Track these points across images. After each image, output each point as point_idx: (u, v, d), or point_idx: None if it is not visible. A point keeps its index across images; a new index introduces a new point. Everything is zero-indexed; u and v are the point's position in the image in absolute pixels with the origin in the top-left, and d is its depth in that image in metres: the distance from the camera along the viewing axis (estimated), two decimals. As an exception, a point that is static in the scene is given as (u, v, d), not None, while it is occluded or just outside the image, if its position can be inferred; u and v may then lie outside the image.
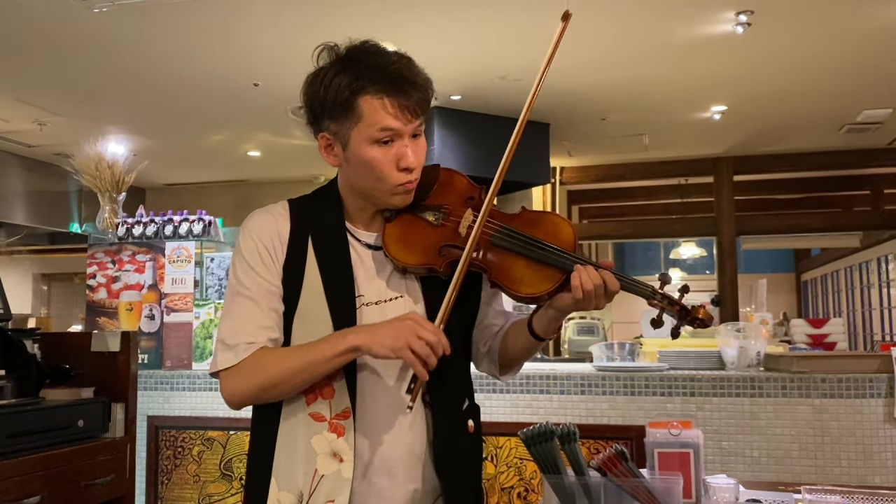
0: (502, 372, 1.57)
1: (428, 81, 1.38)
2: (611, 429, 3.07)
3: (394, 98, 1.32)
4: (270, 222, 1.45)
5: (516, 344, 1.51)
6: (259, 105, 5.50)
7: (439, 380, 1.37)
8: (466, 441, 1.47)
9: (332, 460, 1.34)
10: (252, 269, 1.40)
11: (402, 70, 1.34)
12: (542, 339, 1.46)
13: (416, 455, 1.40)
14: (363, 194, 1.42)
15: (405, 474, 1.39)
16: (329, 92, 1.34)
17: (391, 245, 1.40)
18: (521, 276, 1.37)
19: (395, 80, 1.33)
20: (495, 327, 1.55)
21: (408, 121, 1.34)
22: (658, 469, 1.70)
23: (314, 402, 1.36)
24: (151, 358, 3.75)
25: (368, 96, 1.32)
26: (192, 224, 3.90)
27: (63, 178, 6.33)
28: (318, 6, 3.88)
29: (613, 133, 6.29)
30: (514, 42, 4.33)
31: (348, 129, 1.35)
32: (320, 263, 1.39)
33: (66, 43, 4.33)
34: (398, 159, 1.35)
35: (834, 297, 11.19)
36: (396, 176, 1.36)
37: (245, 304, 1.38)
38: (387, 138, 1.33)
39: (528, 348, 1.50)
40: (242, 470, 3.44)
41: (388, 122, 1.32)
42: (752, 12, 3.96)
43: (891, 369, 2.89)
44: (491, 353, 1.55)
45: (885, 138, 6.68)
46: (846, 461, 2.89)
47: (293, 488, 1.35)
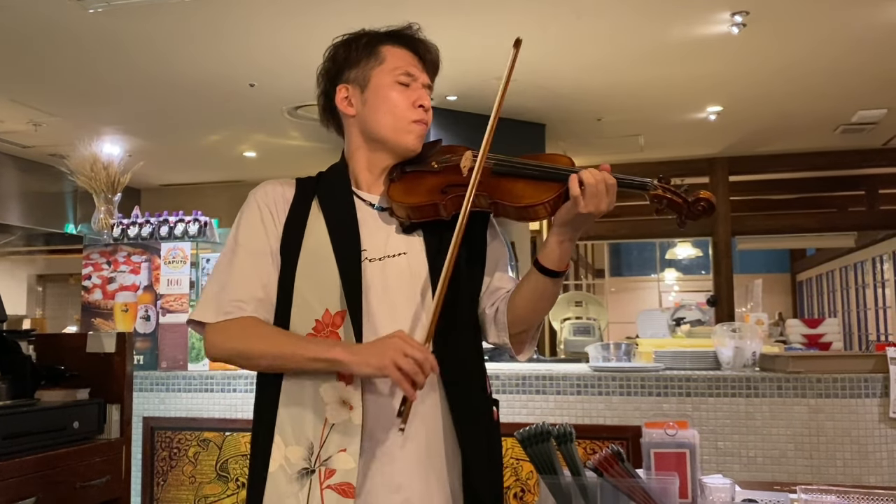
0: (513, 341, 1.48)
1: (438, 51, 1.54)
2: (607, 429, 3.07)
3: (412, 52, 1.50)
4: (276, 186, 1.49)
5: (525, 294, 1.44)
6: (255, 106, 5.49)
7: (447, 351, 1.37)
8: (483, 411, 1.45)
9: (342, 408, 1.33)
10: (250, 229, 1.44)
11: (417, 34, 1.53)
12: (551, 272, 1.39)
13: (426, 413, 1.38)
14: (377, 139, 1.48)
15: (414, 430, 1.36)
16: (351, 46, 1.51)
17: (395, 194, 1.44)
18: (523, 192, 1.39)
19: (411, 39, 1.51)
20: (502, 290, 1.50)
21: (423, 70, 1.50)
22: (654, 469, 1.70)
23: None
24: (147, 359, 3.74)
25: (390, 45, 1.50)
26: (188, 225, 3.89)
27: (58, 178, 6.31)
28: (314, 7, 3.88)
29: (609, 134, 6.30)
30: (509, 44, 4.33)
31: (369, 71, 1.48)
32: (327, 219, 1.42)
33: (62, 43, 4.32)
34: (416, 99, 1.46)
35: (829, 298, 11.22)
36: (413, 112, 1.46)
37: (238, 262, 1.42)
38: (407, 81, 1.47)
39: (539, 293, 1.42)
40: (238, 471, 3.44)
41: (410, 67, 1.47)
42: (747, 13, 3.97)
43: (886, 369, 2.90)
44: (499, 316, 1.47)
45: (880, 139, 6.69)
46: (842, 461, 2.90)
47: (302, 440, 1.35)
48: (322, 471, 1.32)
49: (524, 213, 1.40)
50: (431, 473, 1.38)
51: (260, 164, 7.36)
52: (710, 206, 1.38)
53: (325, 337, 1.36)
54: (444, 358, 1.36)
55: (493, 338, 1.50)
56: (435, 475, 1.38)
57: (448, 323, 1.37)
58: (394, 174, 1.48)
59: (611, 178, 1.33)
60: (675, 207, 1.39)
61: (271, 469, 1.35)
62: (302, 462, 1.34)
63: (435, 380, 1.39)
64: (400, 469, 1.35)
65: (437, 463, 1.39)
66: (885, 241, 8.58)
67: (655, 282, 12.60)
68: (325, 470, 1.32)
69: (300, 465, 1.34)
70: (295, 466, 1.34)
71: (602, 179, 1.32)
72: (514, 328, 1.47)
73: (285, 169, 7.54)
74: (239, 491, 3.43)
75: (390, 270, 1.40)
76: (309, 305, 1.39)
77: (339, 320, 1.36)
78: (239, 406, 3.50)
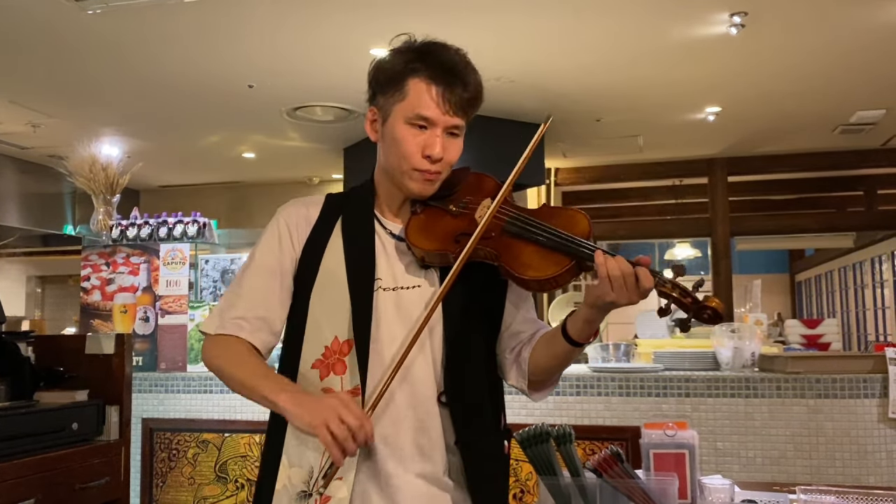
0: (532, 387, 1.47)
1: (479, 86, 1.41)
2: (606, 430, 3.07)
3: (440, 87, 1.36)
4: (300, 207, 1.50)
5: (548, 351, 1.42)
6: (254, 107, 5.49)
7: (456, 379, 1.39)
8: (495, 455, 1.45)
9: None
10: (266, 247, 1.46)
11: (457, 66, 1.38)
12: (576, 342, 1.37)
13: (424, 446, 1.38)
14: (389, 174, 1.45)
15: (412, 462, 1.37)
16: (387, 67, 1.42)
17: (412, 233, 1.42)
18: (530, 261, 1.34)
19: (446, 72, 1.37)
20: (524, 334, 1.48)
21: (445, 112, 1.37)
22: (653, 470, 1.70)
23: (326, 376, 1.38)
24: (146, 360, 3.74)
25: (418, 79, 1.37)
26: (187, 226, 3.89)
27: (57, 180, 6.30)
28: (313, 8, 3.88)
29: (608, 134, 6.29)
30: (508, 44, 4.33)
31: (392, 105, 1.39)
32: (345, 243, 1.42)
33: (61, 44, 4.31)
34: (425, 146, 1.37)
35: (828, 298, 11.23)
36: (418, 160, 1.38)
37: (249, 278, 1.44)
38: (422, 124, 1.37)
39: (561, 356, 1.41)
40: (237, 472, 3.43)
41: (426, 110, 1.36)
42: (745, 14, 3.97)
43: (885, 369, 2.90)
44: (520, 363, 1.46)
45: (879, 139, 6.69)
46: (841, 461, 2.90)
47: (304, 464, 1.37)
48: (317, 498, 1.34)
49: (526, 284, 1.37)
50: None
51: (259, 166, 7.36)
52: (715, 315, 1.31)
53: (332, 364, 1.38)
54: (455, 397, 1.38)
55: (512, 380, 1.49)
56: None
57: (458, 364, 1.39)
58: (416, 207, 1.46)
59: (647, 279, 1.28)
60: (681, 307, 1.33)
61: (277, 487, 1.38)
62: (301, 485, 1.36)
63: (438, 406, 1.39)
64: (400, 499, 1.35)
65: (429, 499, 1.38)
66: (883, 242, 8.58)
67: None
68: (320, 497, 1.33)
69: (300, 488, 1.36)
70: (296, 488, 1.36)
71: (629, 272, 1.28)
72: (536, 377, 1.46)
73: (284, 170, 7.54)
74: (238, 492, 3.42)
75: (403, 302, 1.40)
76: (320, 330, 1.40)
77: (346, 349, 1.37)
78: (238, 407, 3.50)
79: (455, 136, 1.41)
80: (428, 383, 1.39)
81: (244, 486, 3.42)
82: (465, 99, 1.38)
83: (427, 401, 1.39)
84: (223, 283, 3.90)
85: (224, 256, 4.00)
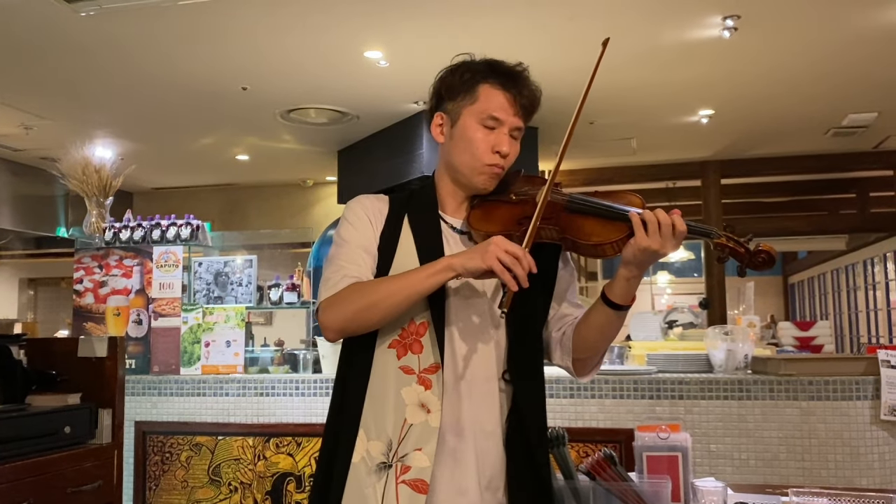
0: (576, 366, 1.57)
1: (539, 93, 1.57)
2: (600, 432, 3.08)
3: (508, 91, 1.53)
4: (374, 201, 1.61)
5: (591, 323, 1.52)
6: (247, 109, 5.48)
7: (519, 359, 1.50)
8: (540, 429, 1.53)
9: (420, 411, 1.44)
10: (352, 227, 1.57)
11: (521, 75, 1.55)
12: (618, 305, 1.46)
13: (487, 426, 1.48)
14: (455, 172, 1.57)
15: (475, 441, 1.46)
16: (457, 76, 1.56)
17: (474, 220, 1.53)
18: (592, 230, 1.45)
19: (513, 78, 1.54)
20: (570, 317, 1.59)
21: (513, 115, 1.53)
22: (647, 472, 1.70)
23: (404, 356, 1.48)
24: (139, 363, 3.73)
25: (488, 85, 1.53)
26: (180, 228, 3.89)
27: (50, 182, 6.29)
28: (307, 9, 3.88)
29: (602, 137, 6.30)
30: (500, 47, 4.33)
31: (462, 108, 1.54)
32: (415, 237, 1.54)
33: (53, 46, 4.30)
34: (495, 144, 1.52)
35: (821, 300, 11.26)
36: (489, 156, 1.52)
37: (344, 250, 1.54)
38: (492, 125, 1.52)
39: (604, 325, 1.50)
40: (231, 475, 3.43)
41: (497, 111, 1.52)
42: (738, 17, 3.98)
43: (877, 371, 2.91)
44: (564, 342, 1.57)
45: (871, 142, 6.72)
46: (833, 463, 2.90)
47: (383, 436, 1.45)
48: (398, 466, 1.43)
49: (593, 251, 1.47)
50: (487, 482, 1.47)
51: (252, 168, 7.35)
52: (769, 259, 1.41)
53: (409, 343, 1.48)
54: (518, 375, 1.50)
55: (557, 360, 1.60)
56: (489, 484, 1.48)
57: (522, 344, 1.51)
58: (475, 201, 1.58)
59: (680, 224, 1.39)
60: (736, 257, 1.43)
61: (354, 460, 1.46)
62: (381, 456, 1.45)
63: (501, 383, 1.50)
64: (466, 473, 1.45)
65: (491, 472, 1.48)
66: (876, 244, 8.61)
67: (648, 284, 12.62)
68: (401, 466, 1.43)
69: (379, 459, 1.45)
70: (374, 460, 1.45)
71: (664, 221, 1.39)
72: (578, 353, 1.56)
73: (278, 172, 7.53)
74: (231, 495, 3.42)
75: (469, 289, 1.51)
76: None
77: (422, 329, 1.48)
78: (231, 410, 3.49)
79: (515, 139, 1.56)
80: (493, 363, 1.50)
81: (237, 489, 3.41)
82: (528, 103, 1.55)
83: (491, 379, 1.49)
84: (216, 285, 3.89)
85: (218, 259, 3.99)
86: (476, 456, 1.46)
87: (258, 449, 3.41)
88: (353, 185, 6.35)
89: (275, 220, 7.98)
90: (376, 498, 1.42)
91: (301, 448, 3.37)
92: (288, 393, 3.45)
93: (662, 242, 1.39)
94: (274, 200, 8.12)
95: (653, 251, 1.39)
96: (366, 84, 4.88)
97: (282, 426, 3.42)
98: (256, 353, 4.42)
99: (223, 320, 3.70)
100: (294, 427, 3.40)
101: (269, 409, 3.45)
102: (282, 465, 3.38)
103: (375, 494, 1.43)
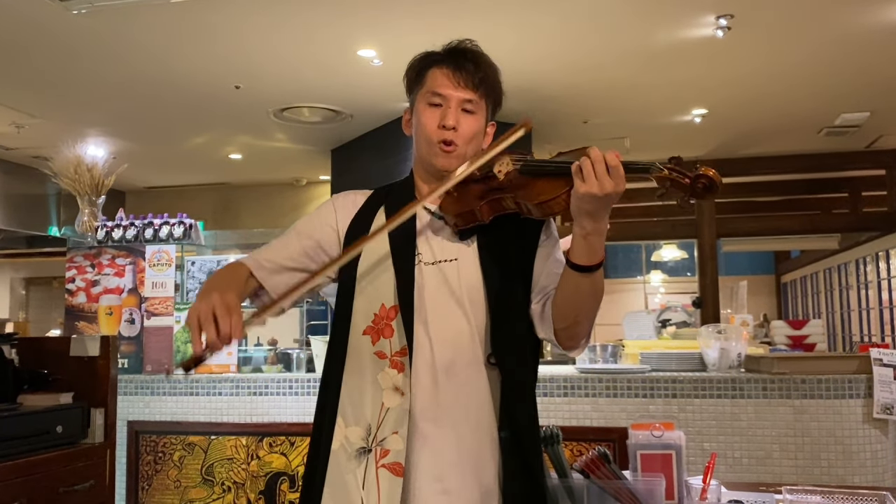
0: (559, 337, 1.50)
1: (491, 65, 1.56)
2: (593, 431, 3.08)
3: (449, 67, 1.53)
4: (351, 195, 1.66)
5: (563, 288, 1.46)
6: (240, 107, 5.47)
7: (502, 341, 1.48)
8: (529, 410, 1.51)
9: (395, 394, 1.44)
10: (310, 218, 1.62)
11: (465, 46, 1.56)
12: (580, 266, 1.39)
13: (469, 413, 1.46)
14: (421, 160, 1.59)
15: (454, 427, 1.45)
16: (410, 71, 1.60)
17: (444, 205, 1.54)
18: (541, 189, 1.44)
19: (455, 53, 1.55)
20: (549, 288, 1.53)
21: (457, 87, 1.52)
22: (640, 470, 1.70)
23: (377, 341, 1.48)
24: (131, 362, 3.71)
25: (435, 67, 1.55)
26: (173, 227, 3.87)
27: (41, 181, 6.25)
28: (301, 8, 3.87)
29: (595, 136, 6.31)
30: (494, 46, 4.33)
31: (415, 95, 1.58)
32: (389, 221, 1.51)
33: (45, 45, 4.28)
34: (440, 119, 1.52)
35: (813, 299, 11.29)
36: (437, 132, 1.52)
37: (286, 236, 1.59)
38: (437, 101, 1.53)
39: (575, 289, 1.43)
40: (224, 475, 3.42)
41: (438, 87, 1.52)
42: (731, 16, 3.99)
43: (869, 370, 2.92)
44: (545, 312, 1.52)
45: (863, 141, 6.74)
46: (826, 461, 2.91)
47: (362, 421, 1.46)
48: (378, 450, 1.43)
49: (542, 209, 1.45)
50: (468, 468, 1.45)
51: (245, 167, 7.33)
52: (711, 184, 1.36)
53: (381, 328, 1.48)
54: (503, 357, 1.47)
55: (541, 333, 1.54)
56: (472, 471, 1.45)
57: (503, 323, 1.49)
58: (452, 189, 1.55)
59: (612, 158, 1.33)
60: (679, 187, 1.37)
61: (334, 447, 1.47)
62: (360, 441, 1.45)
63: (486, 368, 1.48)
64: (443, 458, 1.44)
65: (474, 459, 1.45)
66: (868, 243, 8.63)
67: (641, 284, 12.63)
68: (380, 450, 1.43)
69: (359, 444, 1.45)
70: (354, 445, 1.45)
71: (599, 159, 1.33)
72: (559, 323, 1.49)
73: (271, 171, 7.51)
74: (224, 495, 3.41)
75: (442, 274, 1.50)
76: (369, 298, 1.51)
77: (392, 314, 1.48)
78: (224, 409, 3.48)
79: (470, 113, 1.53)
80: (474, 347, 1.47)
81: (230, 488, 3.40)
82: (477, 77, 1.53)
83: (473, 364, 1.47)
84: (209, 284, 3.88)
85: (210, 258, 3.97)
86: (457, 442, 1.44)
87: (251, 448, 3.40)
88: (347, 184, 6.32)
89: (268, 219, 7.96)
90: (357, 483, 1.42)
91: (294, 447, 3.37)
92: (281, 392, 3.45)
93: (601, 184, 1.31)
94: (267, 199, 8.10)
95: (592, 196, 1.32)
96: (359, 83, 4.88)
97: (275, 426, 3.41)
98: (249, 353, 4.40)
99: (216, 319, 3.68)
100: (287, 426, 3.39)
101: (262, 409, 3.44)
102: (275, 464, 3.37)
103: (356, 479, 1.43)
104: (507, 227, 1.51)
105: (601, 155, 1.33)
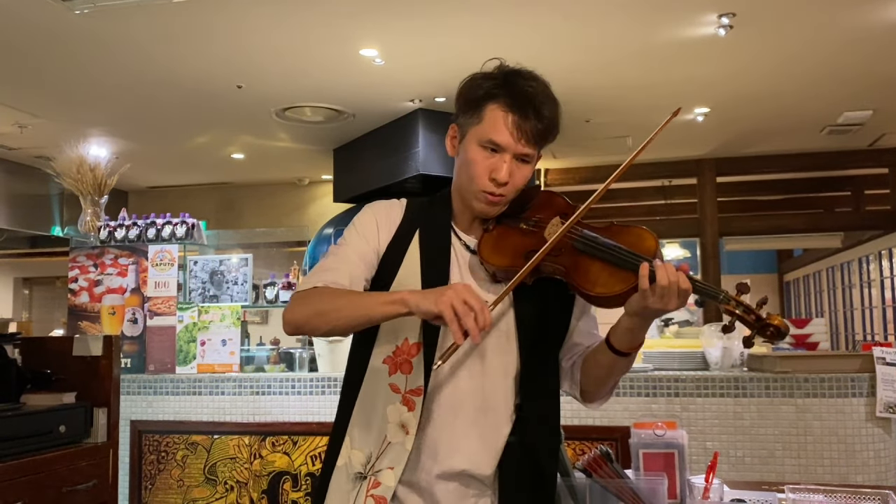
0: (584, 397, 1.54)
1: (554, 119, 1.47)
2: (596, 430, 3.08)
3: (515, 116, 1.42)
4: (388, 207, 1.56)
5: (596, 361, 1.47)
6: (243, 107, 5.47)
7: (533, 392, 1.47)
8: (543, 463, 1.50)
9: (400, 431, 1.43)
10: (357, 232, 1.52)
11: (535, 96, 1.44)
12: (620, 352, 1.41)
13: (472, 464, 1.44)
14: (459, 191, 1.51)
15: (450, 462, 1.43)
16: (471, 91, 1.48)
17: (484, 250, 1.47)
18: (597, 277, 1.37)
19: (523, 101, 1.43)
20: (581, 346, 1.53)
21: (517, 140, 1.42)
22: (643, 470, 1.70)
23: (394, 373, 1.45)
24: (134, 362, 3.72)
25: (495, 105, 1.43)
26: (175, 227, 3.88)
27: (44, 181, 6.25)
28: (303, 7, 3.87)
29: (597, 135, 6.30)
30: (495, 46, 4.33)
31: (469, 126, 1.46)
32: (422, 253, 1.49)
33: (48, 45, 4.29)
34: (492, 170, 1.43)
35: (816, 298, 11.28)
36: (485, 182, 1.44)
37: (340, 251, 1.50)
38: (493, 147, 1.43)
39: (607, 366, 1.45)
40: (227, 474, 3.42)
41: (498, 136, 1.42)
42: (733, 14, 3.98)
43: (872, 369, 2.92)
44: (573, 372, 1.53)
45: (866, 140, 6.73)
46: (829, 460, 2.91)
47: (365, 448, 1.46)
48: (371, 479, 1.44)
49: (594, 301, 1.40)
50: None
51: (248, 166, 7.33)
52: (778, 333, 1.33)
53: (400, 363, 1.45)
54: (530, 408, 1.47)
55: (565, 388, 1.56)
56: None
57: (534, 376, 1.47)
58: (489, 224, 1.51)
59: (685, 282, 1.31)
60: (745, 323, 1.35)
61: (339, 463, 1.49)
62: (359, 466, 1.46)
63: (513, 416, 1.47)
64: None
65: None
66: (871, 242, 8.62)
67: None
68: (373, 479, 1.44)
69: (357, 469, 1.46)
70: (353, 468, 1.47)
71: (675, 282, 1.30)
72: (588, 387, 1.52)
73: (273, 171, 7.51)
74: (227, 494, 3.41)
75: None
76: (394, 328, 1.46)
77: (414, 350, 1.44)
78: (227, 409, 3.49)
79: (524, 163, 1.46)
80: (505, 395, 1.46)
81: (233, 487, 3.40)
82: (539, 130, 1.44)
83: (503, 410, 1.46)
84: (212, 284, 3.88)
85: (213, 257, 3.98)
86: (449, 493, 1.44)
87: (254, 448, 3.40)
88: (349, 183, 6.35)
89: (270, 218, 7.96)
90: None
91: (297, 447, 3.37)
92: (284, 392, 3.45)
93: (666, 301, 1.30)
94: (269, 199, 8.11)
95: (656, 310, 1.32)
96: (361, 82, 4.87)
97: (278, 425, 3.41)
98: (252, 352, 4.41)
99: (219, 319, 3.69)
100: (290, 426, 3.40)
101: (264, 408, 3.45)
102: (278, 463, 3.38)
103: (349, 502, 1.44)
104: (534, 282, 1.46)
105: (675, 276, 1.30)
